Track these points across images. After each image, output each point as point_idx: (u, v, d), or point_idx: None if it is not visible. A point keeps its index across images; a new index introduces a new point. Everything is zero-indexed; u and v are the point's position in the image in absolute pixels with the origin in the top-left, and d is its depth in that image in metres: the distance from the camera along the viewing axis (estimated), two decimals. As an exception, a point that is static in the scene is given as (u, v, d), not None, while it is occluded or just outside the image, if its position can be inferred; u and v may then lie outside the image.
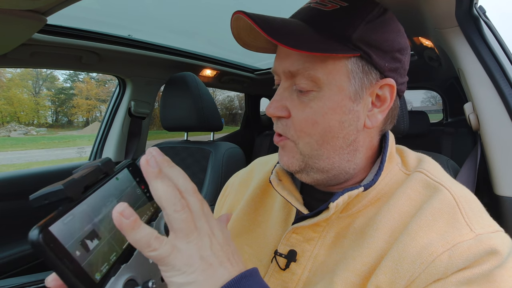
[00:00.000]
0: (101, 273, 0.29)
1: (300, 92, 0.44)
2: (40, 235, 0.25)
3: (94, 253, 0.29)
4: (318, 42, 0.41)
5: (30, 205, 0.29)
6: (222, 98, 14.82)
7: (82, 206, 0.30)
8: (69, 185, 0.29)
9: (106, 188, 0.34)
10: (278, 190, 0.50)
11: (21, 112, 17.38)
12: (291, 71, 0.44)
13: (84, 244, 0.28)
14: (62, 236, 0.27)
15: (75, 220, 0.28)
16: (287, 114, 0.45)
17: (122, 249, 0.32)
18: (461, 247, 0.37)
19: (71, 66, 1.43)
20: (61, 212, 0.28)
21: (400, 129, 0.86)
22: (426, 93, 7.15)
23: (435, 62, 1.49)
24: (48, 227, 0.26)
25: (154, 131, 7.11)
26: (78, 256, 0.27)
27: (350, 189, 0.43)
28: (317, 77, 0.42)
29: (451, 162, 0.90)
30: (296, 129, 0.44)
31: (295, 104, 0.44)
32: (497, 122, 0.84)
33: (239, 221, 0.56)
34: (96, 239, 0.30)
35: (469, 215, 0.40)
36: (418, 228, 0.40)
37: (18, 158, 9.59)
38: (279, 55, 0.46)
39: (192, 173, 1.45)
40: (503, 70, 0.84)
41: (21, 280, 1.02)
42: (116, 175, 0.36)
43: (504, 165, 0.83)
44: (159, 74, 1.74)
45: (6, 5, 0.74)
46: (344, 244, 0.45)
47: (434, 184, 0.44)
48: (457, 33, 0.89)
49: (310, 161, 0.45)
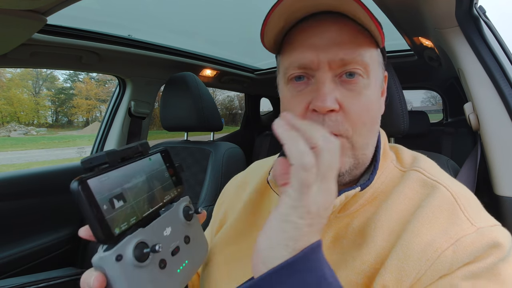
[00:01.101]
0: (120, 229, 0.34)
1: (347, 82, 0.43)
2: (79, 185, 0.31)
3: (118, 212, 0.34)
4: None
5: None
6: (222, 98, 14.84)
7: (116, 172, 0.36)
8: (110, 153, 0.36)
9: (139, 163, 0.40)
10: (276, 191, 0.49)
11: (21, 112, 17.38)
12: (344, 59, 0.42)
13: (111, 202, 0.34)
14: (96, 190, 0.32)
15: (108, 181, 0.34)
16: (339, 107, 0.42)
17: (142, 216, 0.37)
18: (464, 241, 0.37)
19: (71, 66, 1.43)
20: (99, 171, 0.34)
21: (400, 129, 0.86)
22: (426, 93, 7.15)
23: (435, 62, 1.49)
24: (87, 180, 0.32)
25: (154, 131, 7.11)
26: (105, 210, 0.33)
27: (347, 189, 0.43)
28: (367, 63, 0.43)
29: (451, 162, 0.90)
30: (353, 121, 0.42)
31: (346, 94, 0.42)
32: (497, 122, 0.84)
33: (238, 225, 0.56)
34: (122, 200, 0.35)
35: (468, 210, 0.41)
36: (420, 225, 0.40)
37: (18, 158, 9.59)
38: (320, 44, 0.42)
39: (192, 173, 1.45)
40: (503, 70, 0.84)
41: (21, 280, 1.02)
42: (150, 156, 0.42)
43: (504, 165, 0.83)
44: (159, 74, 1.74)
45: (6, 5, 0.74)
46: (343, 244, 0.45)
47: (431, 183, 0.44)
48: (457, 33, 0.89)
49: (359, 153, 0.44)
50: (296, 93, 0.45)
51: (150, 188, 0.40)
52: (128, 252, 0.33)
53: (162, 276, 0.37)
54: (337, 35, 0.43)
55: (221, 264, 0.53)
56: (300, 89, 0.45)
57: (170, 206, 0.43)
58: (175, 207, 0.43)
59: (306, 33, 0.44)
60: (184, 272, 0.41)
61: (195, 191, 1.41)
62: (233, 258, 0.52)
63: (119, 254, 0.33)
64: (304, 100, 0.44)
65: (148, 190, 0.40)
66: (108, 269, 0.33)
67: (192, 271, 0.43)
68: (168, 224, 0.41)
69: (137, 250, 0.34)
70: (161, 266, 0.37)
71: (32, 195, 1.36)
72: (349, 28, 0.43)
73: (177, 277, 0.39)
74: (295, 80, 0.45)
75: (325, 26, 0.43)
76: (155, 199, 0.41)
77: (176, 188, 0.45)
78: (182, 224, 0.43)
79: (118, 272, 0.33)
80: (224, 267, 0.52)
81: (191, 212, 0.45)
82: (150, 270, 0.35)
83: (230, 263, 0.52)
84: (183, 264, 0.41)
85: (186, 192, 1.42)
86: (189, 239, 0.43)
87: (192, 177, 1.44)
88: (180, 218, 0.43)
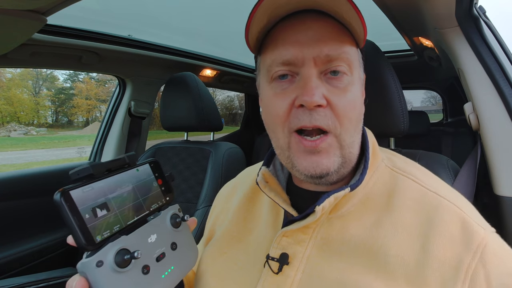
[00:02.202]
0: (102, 236, 0.36)
1: (332, 78, 0.43)
2: (62, 196, 0.33)
3: (100, 220, 0.36)
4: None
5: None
6: (222, 98, 14.83)
7: (101, 183, 0.38)
8: (95, 165, 0.38)
9: (125, 174, 0.42)
10: (266, 192, 0.49)
11: (21, 112, 17.37)
12: (330, 55, 0.42)
13: (94, 211, 0.36)
14: (78, 200, 0.35)
15: (92, 192, 0.36)
16: (326, 102, 0.42)
17: (126, 224, 0.39)
18: (487, 252, 0.39)
19: (71, 66, 1.43)
20: (83, 183, 0.36)
21: (400, 129, 0.86)
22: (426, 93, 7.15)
23: (435, 62, 1.49)
24: (69, 191, 0.34)
25: (154, 131, 7.10)
26: (87, 218, 0.35)
27: (336, 191, 0.43)
28: (351, 60, 0.44)
29: (451, 162, 0.90)
30: (340, 117, 0.42)
31: (332, 90, 0.42)
32: (497, 122, 0.84)
33: (230, 232, 0.56)
34: (105, 210, 0.37)
35: (473, 216, 0.42)
36: (444, 250, 0.40)
37: (18, 158, 9.59)
38: (304, 41, 0.42)
39: (192, 173, 1.45)
40: (503, 70, 0.84)
41: (21, 280, 1.02)
42: (137, 167, 0.44)
43: (504, 165, 0.83)
44: (159, 74, 1.74)
45: (6, 5, 0.74)
46: (342, 252, 0.44)
47: (432, 195, 0.45)
48: (457, 33, 0.89)
49: (346, 151, 0.44)
50: (280, 91, 0.44)
51: (136, 197, 0.42)
52: (109, 258, 0.35)
53: (145, 281, 0.38)
54: (321, 32, 0.43)
55: (214, 276, 0.52)
56: (284, 87, 0.44)
57: (158, 214, 0.45)
58: (162, 215, 0.45)
59: (290, 30, 0.44)
60: (169, 277, 0.42)
61: (195, 191, 1.41)
62: (227, 268, 0.52)
63: (100, 260, 0.35)
64: (288, 97, 0.43)
65: (134, 200, 0.42)
66: (89, 274, 0.35)
67: (179, 277, 0.44)
68: (154, 231, 0.42)
69: (118, 256, 0.36)
70: (144, 271, 0.38)
71: (32, 195, 1.36)
72: (332, 25, 0.44)
73: (161, 282, 0.41)
74: (279, 79, 0.45)
75: (308, 23, 0.43)
76: (141, 207, 0.42)
77: (164, 196, 0.47)
78: (169, 231, 0.45)
79: (98, 277, 0.34)
80: (218, 278, 0.51)
81: (178, 219, 0.46)
82: (132, 275, 0.37)
83: (223, 273, 0.51)
84: (168, 270, 0.42)
85: (186, 192, 1.42)
86: (176, 246, 0.44)
87: (192, 177, 1.44)
88: (166, 225, 0.45)
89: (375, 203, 0.46)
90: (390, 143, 1.05)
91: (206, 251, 0.57)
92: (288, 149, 0.45)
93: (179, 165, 1.48)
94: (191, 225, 0.50)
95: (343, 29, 0.44)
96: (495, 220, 0.83)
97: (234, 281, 0.49)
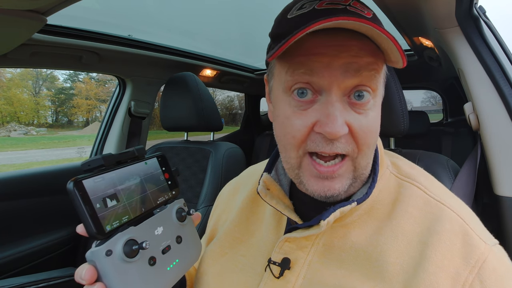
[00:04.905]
0: (112, 226, 0.37)
1: (356, 104, 0.40)
2: (75, 185, 0.34)
3: (110, 210, 0.37)
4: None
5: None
6: (222, 98, 14.83)
7: (111, 174, 0.39)
8: (105, 157, 0.39)
9: (134, 167, 0.43)
10: (267, 200, 0.49)
11: (21, 112, 17.37)
12: (359, 85, 0.39)
13: (104, 201, 0.37)
14: (90, 189, 0.36)
15: (103, 182, 0.37)
16: (348, 130, 0.39)
17: (135, 215, 0.40)
18: (486, 268, 0.38)
19: (71, 66, 1.43)
20: (94, 173, 0.37)
21: (400, 129, 0.86)
22: (426, 93, 7.14)
23: (435, 62, 1.49)
24: (82, 180, 0.35)
25: (154, 131, 7.10)
26: (97, 208, 0.36)
27: (342, 204, 0.42)
28: (377, 85, 0.41)
29: (451, 162, 0.90)
30: (359, 142, 0.40)
31: (353, 116, 0.40)
32: (497, 122, 0.84)
33: (232, 232, 0.56)
34: (115, 200, 0.38)
35: (476, 228, 0.42)
36: (442, 256, 0.39)
37: (18, 158, 9.58)
38: (335, 65, 0.38)
39: (192, 173, 1.45)
40: (503, 70, 0.84)
41: (21, 280, 1.02)
42: (146, 160, 0.45)
43: (504, 165, 0.83)
44: (159, 74, 1.74)
45: (6, 5, 0.74)
46: (343, 259, 0.44)
47: (436, 204, 0.44)
48: (457, 33, 0.89)
49: (359, 173, 0.43)
50: (298, 111, 0.41)
51: (144, 190, 0.43)
52: (118, 247, 0.36)
53: (151, 272, 0.39)
54: (357, 55, 0.39)
55: (215, 276, 0.52)
56: (304, 108, 0.40)
57: (164, 207, 0.46)
58: (168, 208, 0.46)
59: (321, 40, 0.39)
60: (174, 270, 0.43)
61: (195, 191, 1.41)
62: (227, 269, 0.52)
63: (109, 249, 0.35)
64: (308, 120, 0.40)
65: (141, 192, 0.42)
66: (98, 263, 0.35)
67: (183, 270, 0.45)
68: (160, 224, 0.43)
69: (127, 247, 0.37)
70: (151, 263, 0.39)
71: (32, 195, 1.36)
72: (369, 47, 0.39)
73: (166, 274, 0.42)
74: (297, 95, 0.41)
75: (344, 39, 0.38)
76: (149, 200, 0.43)
77: (171, 191, 0.48)
78: (175, 224, 0.45)
79: (107, 266, 0.35)
80: (218, 279, 0.51)
81: (184, 213, 0.47)
82: (139, 265, 0.38)
83: (223, 274, 0.51)
84: (173, 262, 0.43)
85: (186, 192, 1.42)
86: (181, 239, 0.45)
87: (192, 177, 1.44)
88: (172, 218, 0.45)
89: (379, 212, 0.45)
90: (390, 143, 1.05)
91: (208, 250, 0.57)
92: (298, 168, 0.43)
93: (179, 165, 1.48)
94: (195, 220, 0.50)
95: (377, 50, 0.40)
96: (495, 220, 0.83)
97: (234, 282, 0.49)
